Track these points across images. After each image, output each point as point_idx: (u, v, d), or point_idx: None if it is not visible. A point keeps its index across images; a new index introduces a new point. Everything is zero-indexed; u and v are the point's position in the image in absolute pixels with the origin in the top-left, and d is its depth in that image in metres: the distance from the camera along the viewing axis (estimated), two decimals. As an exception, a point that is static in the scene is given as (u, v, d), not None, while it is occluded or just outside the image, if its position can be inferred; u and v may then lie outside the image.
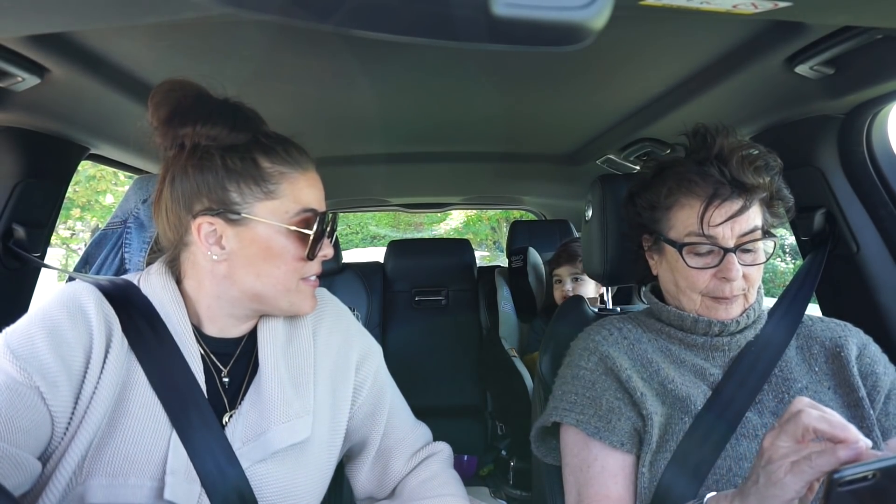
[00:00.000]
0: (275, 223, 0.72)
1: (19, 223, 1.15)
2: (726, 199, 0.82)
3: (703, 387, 0.85)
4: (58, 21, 0.72)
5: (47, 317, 0.69)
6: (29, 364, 0.65)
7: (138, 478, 0.68)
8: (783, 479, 0.57)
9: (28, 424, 0.63)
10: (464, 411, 2.58)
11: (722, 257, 0.82)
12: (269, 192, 0.72)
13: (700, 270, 0.84)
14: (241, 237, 0.72)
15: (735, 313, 0.86)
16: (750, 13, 0.62)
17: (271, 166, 0.73)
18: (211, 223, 0.72)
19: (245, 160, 0.72)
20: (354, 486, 0.91)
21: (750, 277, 0.84)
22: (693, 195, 0.84)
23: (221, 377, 0.78)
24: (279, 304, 0.77)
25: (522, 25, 0.30)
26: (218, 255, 0.73)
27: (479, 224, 12.04)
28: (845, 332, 0.88)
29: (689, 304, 0.87)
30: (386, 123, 1.46)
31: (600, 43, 0.39)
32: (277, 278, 0.74)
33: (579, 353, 0.93)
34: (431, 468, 0.88)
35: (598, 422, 0.84)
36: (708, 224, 0.82)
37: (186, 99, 0.73)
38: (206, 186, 0.71)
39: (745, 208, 0.82)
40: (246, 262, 0.73)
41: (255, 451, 0.74)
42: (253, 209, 0.72)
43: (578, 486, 0.85)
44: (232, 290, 0.75)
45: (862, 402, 0.81)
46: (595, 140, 1.61)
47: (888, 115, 1.04)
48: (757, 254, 0.84)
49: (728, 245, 0.82)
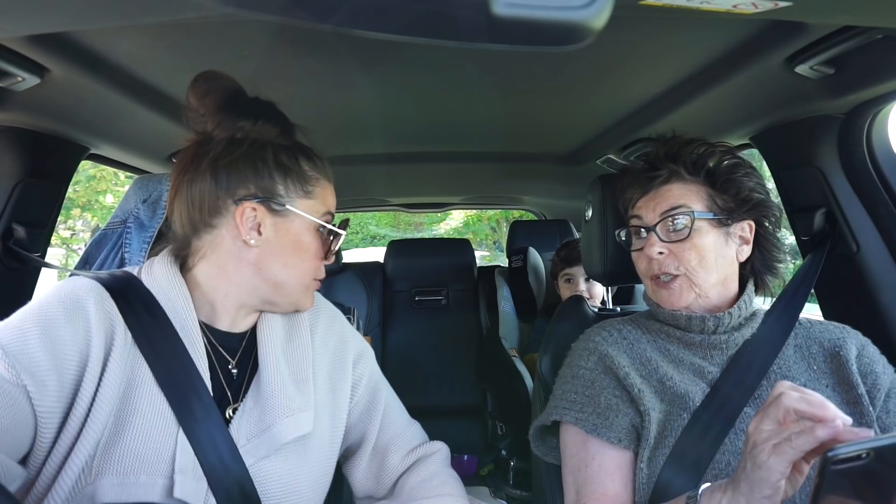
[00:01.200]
0: (311, 218, 0.79)
1: (19, 223, 1.15)
2: (648, 179, 0.91)
3: (701, 384, 0.86)
4: (58, 21, 0.72)
5: (42, 312, 0.68)
6: (18, 361, 0.63)
7: (149, 476, 0.67)
8: (767, 461, 0.58)
9: (7, 423, 0.61)
10: (464, 411, 2.58)
11: (645, 238, 0.89)
12: (308, 191, 0.79)
13: (637, 252, 0.91)
14: (279, 227, 0.77)
15: (682, 301, 0.88)
16: (750, 13, 0.62)
17: (311, 170, 0.80)
18: (254, 209, 0.76)
19: (292, 159, 0.78)
20: (353, 484, 0.92)
21: (679, 256, 0.86)
22: (630, 185, 0.95)
23: (230, 368, 0.79)
24: (291, 298, 0.81)
25: (522, 25, 0.30)
26: (255, 241, 0.76)
27: (479, 224, 12.04)
28: (844, 334, 0.89)
29: (648, 289, 0.93)
30: (386, 123, 1.46)
31: (600, 43, 0.39)
32: (301, 271, 0.80)
33: (579, 354, 0.94)
34: (431, 467, 0.88)
35: (596, 419, 0.85)
36: (634, 206, 0.91)
37: (234, 93, 0.79)
38: (256, 175, 0.76)
39: (664, 182, 0.89)
40: (277, 251, 0.77)
41: (261, 447, 0.74)
42: (294, 203, 0.78)
43: (577, 486, 0.86)
44: (255, 277, 0.78)
45: (861, 400, 0.81)
46: (595, 140, 1.61)
47: (888, 115, 1.04)
48: (678, 231, 0.86)
49: (650, 223, 0.88)
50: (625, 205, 0.98)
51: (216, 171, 0.76)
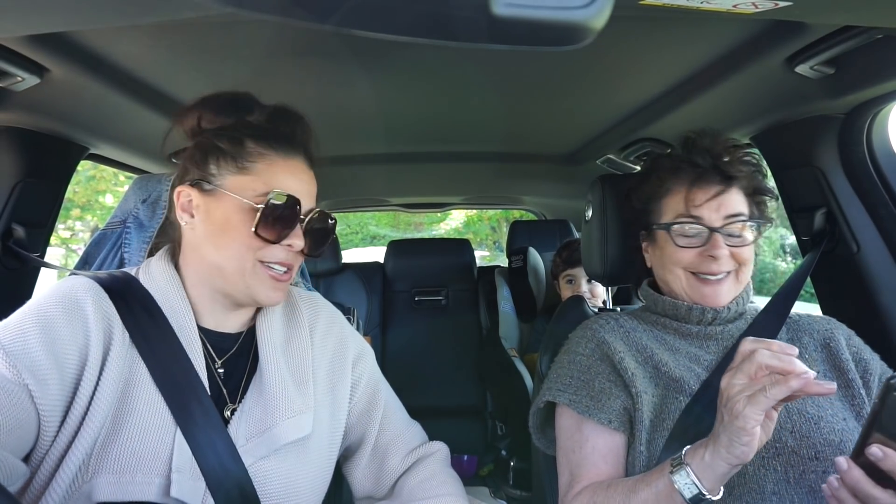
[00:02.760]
0: (237, 197, 0.75)
1: (19, 223, 1.15)
2: (709, 181, 0.90)
3: (696, 370, 0.89)
4: (58, 21, 0.72)
5: (41, 312, 0.68)
6: (19, 360, 0.63)
7: (146, 474, 0.68)
8: (743, 410, 0.64)
9: (12, 423, 0.62)
10: (464, 411, 2.58)
11: (708, 237, 0.89)
12: (242, 167, 0.76)
13: (686, 249, 0.90)
14: (209, 207, 0.77)
15: (724, 298, 0.90)
16: (750, 13, 0.62)
17: (254, 147, 0.77)
18: (188, 193, 0.77)
19: (233, 139, 0.77)
20: (352, 485, 0.92)
21: (739, 256, 0.90)
22: (679, 180, 0.93)
23: (216, 368, 0.79)
24: (237, 286, 0.77)
25: (522, 25, 0.30)
26: (188, 223, 0.77)
27: (479, 224, 12.04)
28: (831, 325, 0.94)
29: (675, 281, 0.93)
30: (386, 123, 1.46)
31: (600, 43, 0.39)
32: (233, 252, 0.75)
33: (576, 341, 0.98)
34: (430, 468, 0.88)
35: (589, 401, 0.89)
36: (693, 204, 0.90)
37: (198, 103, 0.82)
38: (194, 161, 0.79)
39: (725, 190, 0.90)
40: (209, 232, 0.77)
41: (260, 448, 0.74)
42: (224, 182, 0.76)
43: (570, 467, 0.89)
44: (200, 263, 0.78)
45: (853, 384, 0.86)
46: (595, 140, 1.61)
47: (888, 115, 1.04)
48: (742, 237, 0.90)
49: (714, 225, 0.89)
50: (661, 195, 0.95)
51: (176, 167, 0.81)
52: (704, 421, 0.82)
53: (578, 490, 0.84)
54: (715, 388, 0.84)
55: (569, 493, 0.86)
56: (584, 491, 0.83)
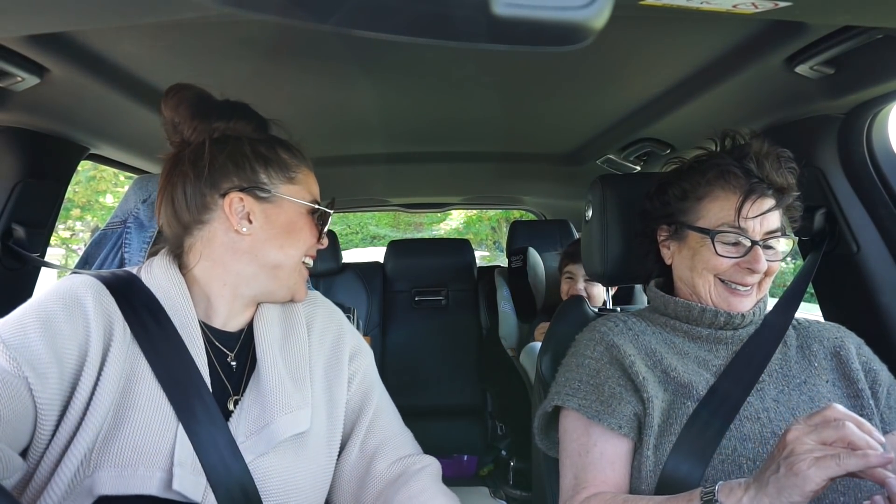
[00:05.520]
0: (299, 202, 0.82)
1: (19, 223, 1.15)
2: (761, 195, 0.88)
3: (705, 375, 0.88)
4: (58, 21, 0.73)
5: (42, 308, 0.69)
6: (19, 354, 0.64)
7: (147, 468, 0.68)
8: (806, 471, 0.61)
9: (10, 414, 0.62)
10: (464, 411, 2.58)
11: (748, 249, 0.87)
12: (290, 178, 0.82)
13: (725, 258, 0.88)
14: (268, 213, 0.80)
15: (748, 306, 0.90)
16: (750, 13, 0.62)
17: (290, 158, 0.83)
18: (241, 199, 0.78)
19: (271, 150, 0.82)
20: (337, 489, 0.87)
21: (770, 269, 0.89)
22: (730, 187, 0.89)
23: (229, 360, 0.80)
24: (288, 282, 0.83)
25: (522, 25, 0.30)
26: (247, 229, 0.79)
27: (479, 224, 12.04)
28: (841, 333, 0.93)
29: (703, 285, 0.91)
30: (386, 123, 1.46)
31: (600, 43, 0.39)
32: (295, 251, 0.82)
33: (585, 343, 0.96)
34: (420, 482, 0.84)
35: (599, 406, 0.87)
36: (744, 217, 0.87)
37: (204, 98, 0.81)
38: (237, 168, 0.79)
39: (775, 207, 0.88)
40: (271, 236, 0.80)
41: (259, 444, 0.75)
42: (279, 189, 0.81)
43: (576, 470, 0.87)
44: (251, 264, 0.80)
45: (862, 394, 0.85)
46: (595, 140, 1.61)
47: (888, 115, 1.04)
48: (776, 251, 0.89)
49: (756, 238, 0.87)
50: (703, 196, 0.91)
51: (198, 171, 0.78)
52: (711, 427, 0.81)
53: (585, 497, 0.83)
54: (722, 391, 0.85)
55: (574, 497, 0.85)
56: (593, 499, 0.82)
